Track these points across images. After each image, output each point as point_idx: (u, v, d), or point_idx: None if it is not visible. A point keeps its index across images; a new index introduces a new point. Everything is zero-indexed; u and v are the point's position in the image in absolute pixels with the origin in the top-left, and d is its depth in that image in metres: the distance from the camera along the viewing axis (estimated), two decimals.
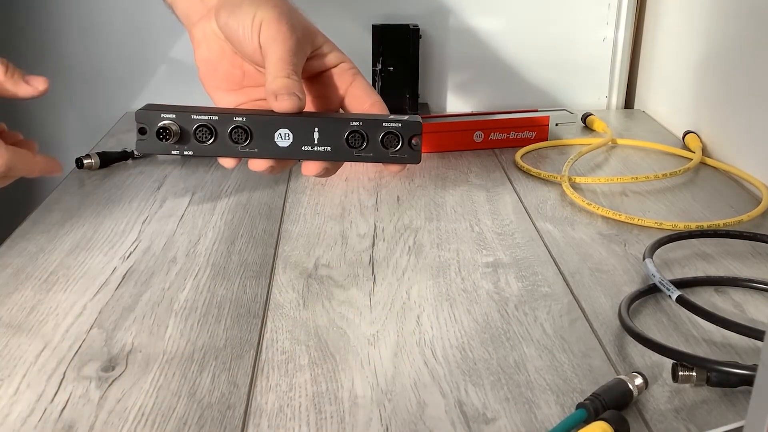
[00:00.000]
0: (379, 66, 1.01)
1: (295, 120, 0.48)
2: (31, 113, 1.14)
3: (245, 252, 0.66)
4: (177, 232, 0.71)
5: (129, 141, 0.95)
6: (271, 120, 0.48)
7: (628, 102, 1.15)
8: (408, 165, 0.51)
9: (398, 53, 1.01)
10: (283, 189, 0.81)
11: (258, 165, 0.50)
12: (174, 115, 0.47)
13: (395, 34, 1.00)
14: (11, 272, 0.63)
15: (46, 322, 0.56)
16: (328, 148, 0.49)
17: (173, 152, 0.48)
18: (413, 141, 0.49)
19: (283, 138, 0.48)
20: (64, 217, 0.74)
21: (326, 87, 0.55)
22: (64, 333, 0.54)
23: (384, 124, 0.49)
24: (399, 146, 0.49)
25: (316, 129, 0.48)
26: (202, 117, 0.48)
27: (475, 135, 0.92)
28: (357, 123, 0.48)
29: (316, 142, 0.48)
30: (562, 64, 1.12)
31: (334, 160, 0.49)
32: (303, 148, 0.48)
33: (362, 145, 0.48)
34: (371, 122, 0.49)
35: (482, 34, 1.10)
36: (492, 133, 0.92)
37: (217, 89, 0.56)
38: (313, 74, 0.54)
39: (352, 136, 0.48)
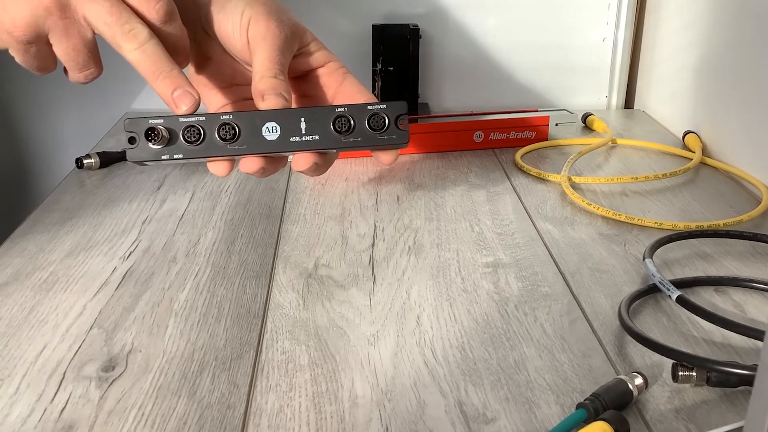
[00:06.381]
0: (379, 66, 1.01)
1: (281, 112, 0.49)
2: (31, 113, 1.14)
3: (245, 252, 0.66)
4: (177, 232, 0.71)
5: None
6: (257, 114, 0.49)
7: (628, 102, 1.15)
8: (399, 150, 0.52)
9: (398, 53, 1.01)
10: (283, 189, 0.81)
11: (249, 166, 0.50)
12: (162, 120, 0.48)
13: (395, 34, 1.00)
14: (11, 272, 0.63)
15: (46, 322, 0.56)
16: (316, 137, 0.49)
17: (164, 157, 0.48)
18: (400, 121, 0.49)
19: (271, 131, 0.49)
20: (64, 217, 0.74)
21: (314, 86, 0.54)
22: (64, 333, 0.54)
23: (369, 107, 0.49)
24: (386, 128, 0.49)
25: (303, 119, 0.49)
26: (190, 118, 0.48)
27: (475, 135, 0.92)
28: (342, 109, 0.49)
29: (303, 131, 0.49)
30: (562, 64, 1.12)
31: (323, 148, 0.49)
32: (291, 139, 0.49)
33: (350, 130, 0.49)
34: (356, 107, 0.49)
35: (482, 34, 1.10)
36: (492, 133, 0.92)
37: (206, 87, 0.56)
38: (301, 74, 0.54)
39: (338, 121, 0.49)
